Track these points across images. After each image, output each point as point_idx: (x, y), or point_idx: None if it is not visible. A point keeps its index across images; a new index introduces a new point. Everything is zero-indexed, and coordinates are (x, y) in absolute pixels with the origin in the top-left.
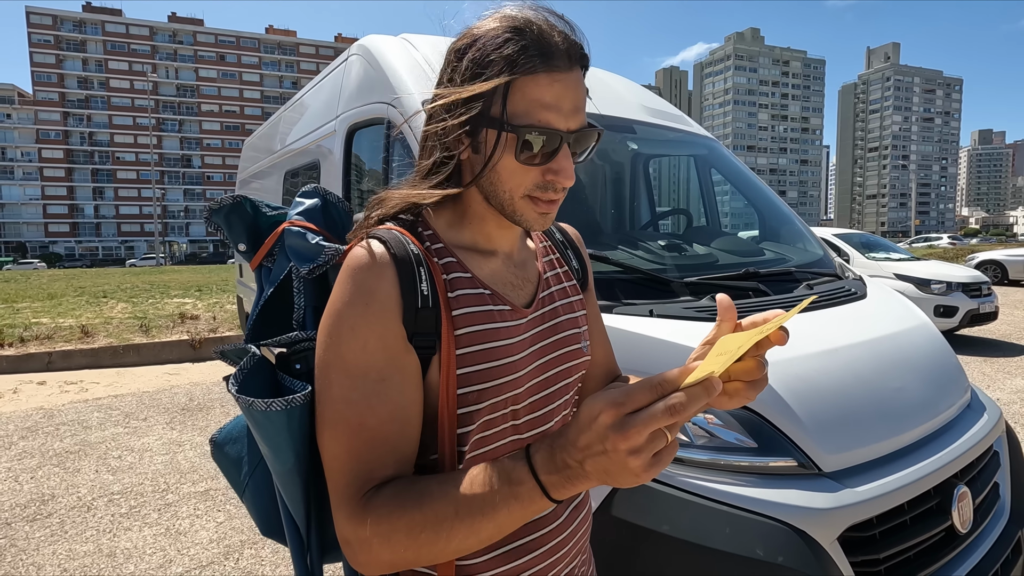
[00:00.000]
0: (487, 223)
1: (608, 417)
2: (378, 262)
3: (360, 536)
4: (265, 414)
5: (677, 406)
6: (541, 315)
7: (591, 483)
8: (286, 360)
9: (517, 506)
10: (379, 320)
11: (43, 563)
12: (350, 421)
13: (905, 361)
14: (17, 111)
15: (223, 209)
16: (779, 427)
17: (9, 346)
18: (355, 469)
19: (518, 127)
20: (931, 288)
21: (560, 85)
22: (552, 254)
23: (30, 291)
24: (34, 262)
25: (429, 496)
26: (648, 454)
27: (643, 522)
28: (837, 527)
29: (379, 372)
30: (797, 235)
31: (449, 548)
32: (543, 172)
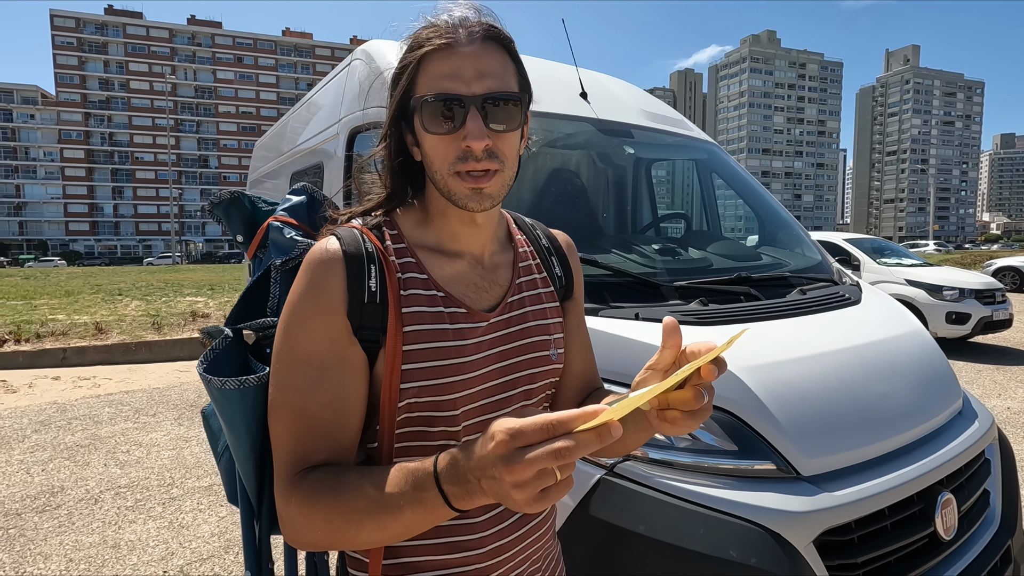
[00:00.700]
0: (449, 220)
1: (500, 447)
2: (329, 258)
3: (287, 512)
4: (221, 391)
5: (562, 451)
6: (507, 319)
7: (488, 499)
8: (259, 344)
9: (421, 510)
10: (325, 312)
11: (50, 553)
12: (292, 404)
13: (893, 367)
14: (40, 111)
15: (223, 203)
16: (758, 431)
17: (26, 341)
18: (292, 449)
19: (419, 97)
20: (943, 294)
21: (458, 57)
22: (532, 259)
23: (48, 288)
24: (55, 260)
25: (347, 487)
26: (533, 490)
27: (620, 522)
28: (812, 530)
29: (322, 361)
30: (796, 240)
31: (360, 539)
32: (458, 141)
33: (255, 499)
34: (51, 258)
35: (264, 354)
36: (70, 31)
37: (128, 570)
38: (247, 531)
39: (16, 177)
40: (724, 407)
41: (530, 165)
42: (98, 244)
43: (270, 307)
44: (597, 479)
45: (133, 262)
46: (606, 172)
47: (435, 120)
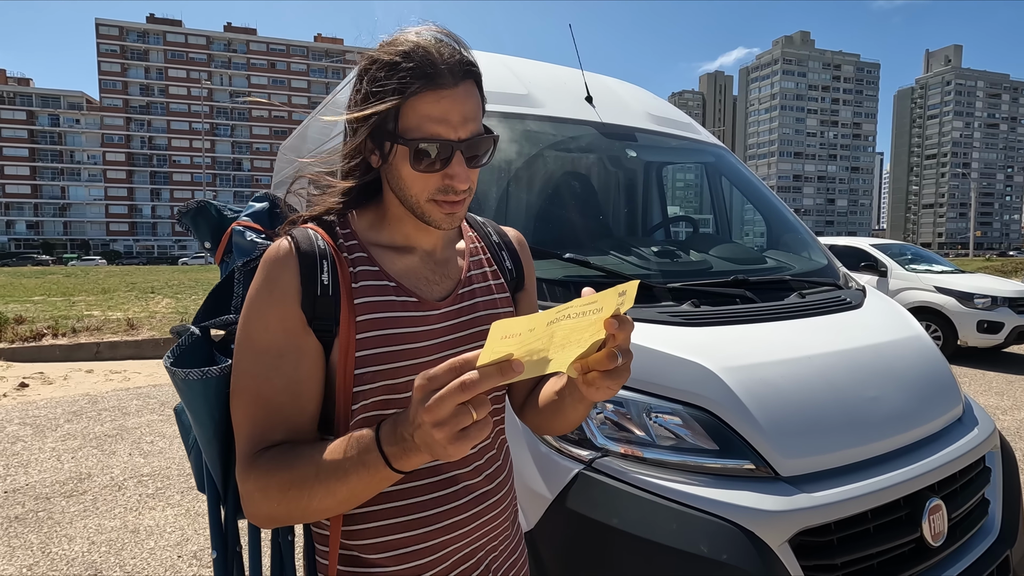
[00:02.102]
0: (405, 224)
1: (418, 392)
2: (283, 255)
3: (247, 489)
4: (185, 382)
5: (468, 383)
6: (458, 309)
7: (424, 456)
8: (225, 341)
9: (365, 473)
10: (280, 305)
11: (74, 535)
12: (250, 390)
13: (886, 371)
14: (85, 116)
15: (190, 212)
16: (737, 430)
17: (63, 336)
18: (250, 432)
19: (410, 140)
20: (974, 302)
21: (447, 101)
22: (483, 254)
23: (87, 285)
24: (96, 259)
25: (299, 459)
26: (452, 428)
27: (595, 515)
28: (787, 530)
29: (278, 350)
30: (802, 244)
31: (312, 506)
32: (441, 177)
33: (221, 485)
34: (93, 257)
35: (230, 350)
36: (114, 39)
37: (145, 554)
38: (213, 515)
39: (62, 179)
40: (704, 406)
41: (533, 168)
42: (136, 244)
43: (234, 305)
44: (575, 473)
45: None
46: (608, 175)
47: (421, 158)
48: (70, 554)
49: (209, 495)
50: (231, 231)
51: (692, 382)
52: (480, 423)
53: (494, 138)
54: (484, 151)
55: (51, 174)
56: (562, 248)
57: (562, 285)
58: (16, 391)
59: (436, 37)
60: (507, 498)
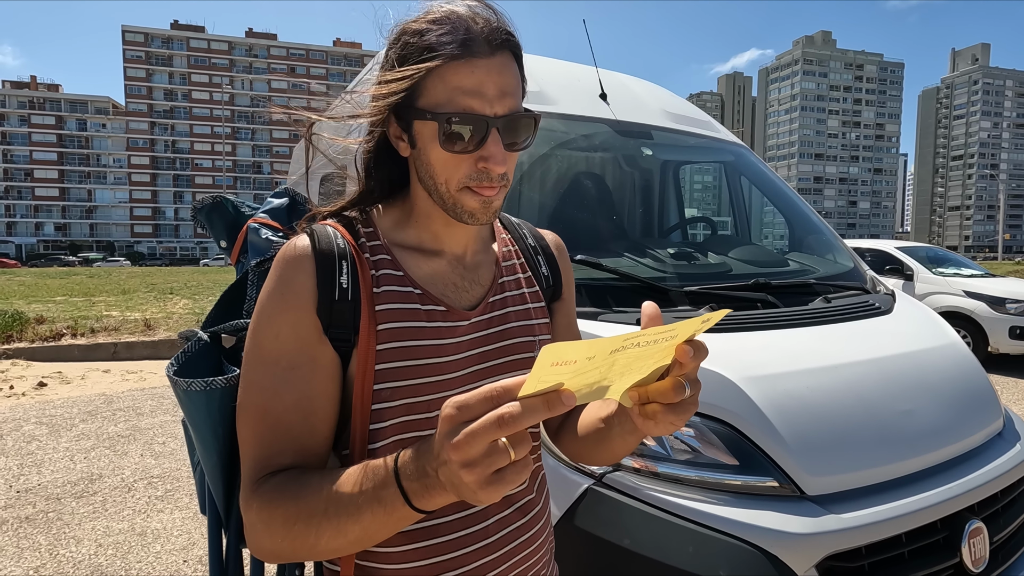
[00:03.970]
0: (433, 221)
1: (445, 424)
2: (299, 255)
3: (249, 520)
4: (186, 392)
5: (507, 417)
6: (488, 319)
7: (449, 496)
8: (236, 349)
9: (380, 511)
10: (293, 310)
11: (82, 537)
12: (257, 405)
13: (920, 382)
14: (111, 121)
15: (205, 208)
16: (759, 445)
17: (81, 336)
18: (257, 454)
19: (440, 115)
20: (1006, 307)
21: (482, 71)
22: (516, 259)
23: (108, 286)
24: (120, 259)
25: (306, 489)
26: (485, 470)
27: (605, 535)
28: (814, 554)
29: (289, 361)
30: (827, 246)
31: (320, 545)
32: (475, 160)
33: (223, 508)
34: (117, 258)
35: (240, 358)
36: (139, 45)
37: (151, 557)
38: (213, 542)
39: (88, 182)
40: (723, 418)
41: (545, 167)
42: (159, 246)
43: (246, 309)
44: (584, 489)
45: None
46: (623, 175)
47: (453, 138)
48: (77, 556)
49: (210, 519)
50: (247, 228)
51: (711, 392)
52: (518, 465)
53: (535, 117)
54: (524, 133)
55: (78, 177)
56: (575, 250)
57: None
58: (34, 390)
59: (471, 6)
60: (543, 532)
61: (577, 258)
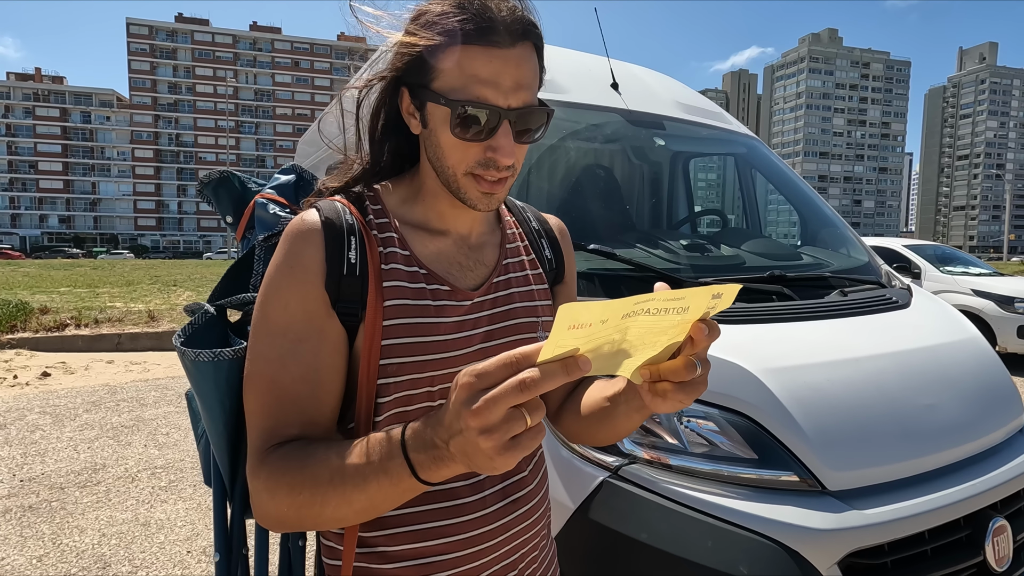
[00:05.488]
0: (440, 200)
1: (463, 392)
2: (308, 229)
3: (255, 488)
4: (195, 363)
5: (528, 382)
6: (492, 299)
7: (458, 466)
8: (242, 323)
9: (387, 481)
10: (301, 283)
11: (86, 527)
12: (264, 376)
13: (942, 377)
14: (115, 114)
15: (212, 183)
16: (780, 438)
17: (85, 327)
18: (263, 424)
19: (453, 101)
20: (1015, 306)
21: (499, 61)
22: (520, 241)
23: (112, 278)
24: (124, 252)
25: (312, 458)
26: (503, 436)
27: (621, 528)
28: (837, 551)
29: (297, 333)
30: (840, 239)
31: (325, 514)
32: (484, 149)
33: (228, 479)
34: (120, 251)
35: (247, 332)
36: (144, 38)
37: (155, 548)
38: (218, 512)
39: (93, 175)
40: (742, 411)
41: (555, 156)
42: (163, 239)
43: (252, 284)
44: (599, 481)
45: (194, 256)
46: (635, 165)
47: (464, 125)
48: (80, 546)
49: (215, 490)
50: (254, 203)
51: (729, 384)
52: (533, 431)
53: (548, 112)
54: (536, 126)
55: (82, 170)
56: (587, 239)
57: (586, 278)
58: (39, 380)
59: None
60: (543, 504)
61: (591, 247)
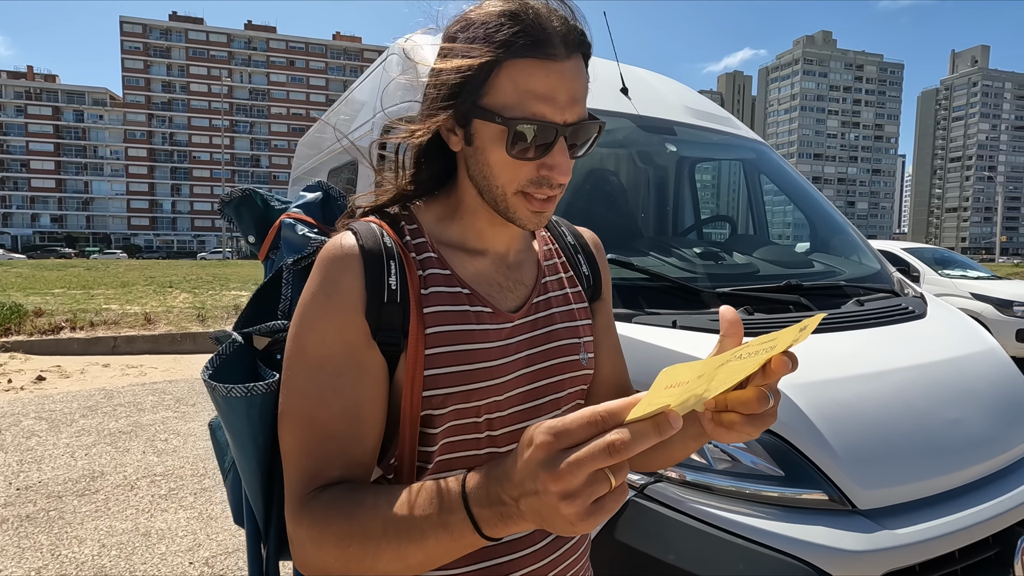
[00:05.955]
0: (479, 219)
1: (540, 452)
2: (345, 254)
3: (297, 536)
4: (226, 399)
5: (617, 444)
6: (533, 321)
7: (527, 525)
8: (270, 350)
9: (447, 537)
10: (340, 312)
11: (85, 537)
12: (302, 413)
13: (966, 390)
14: (108, 112)
15: (233, 201)
16: (808, 456)
17: (81, 329)
18: (304, 465)
19: (509, 119)
20: (1013, 310)
21: (556, 75)
22: (557, 258)
23: (106, 279)
24: (117, 252)
25: (362, 508)
26: (586, 500)
27: (647, 549)
28: (871, 572)
29: (336, 366)
30: (852, 247)
31: (377, 567)
32: (537, 167)
33: (262, 520)
34: (114, 251)
35: (275, 361)
36: (137, 36)
37: (156, 559)
38: (253, 555)
39: (85, 174)
40: (770, 428)
41: None
42: (156, 238)
43: (281, 310)
44: (625, 501)
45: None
46: (647, 171)
47: (519, 143)
48: (80, 557)
49: (248, 531)
50: (280, 224)
51: None
52: (618, 491)
53: (600, 125)
54: (586, 140)
55: (75, 169)
56: None
57: None
58: (33, 384)
59: (547, 1)
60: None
61: (608, 257)
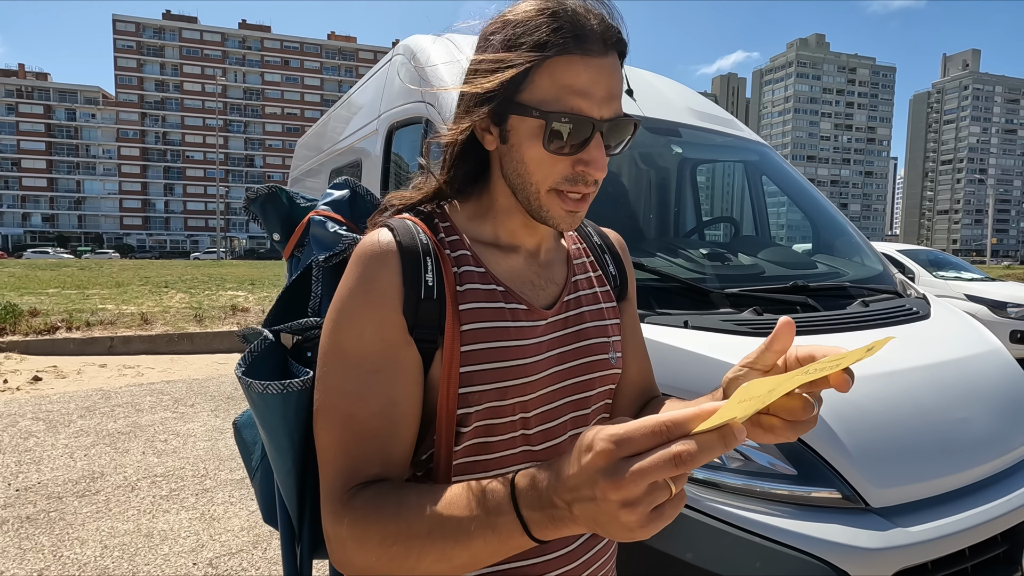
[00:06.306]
0: (512, 218)
1: (600, 459)
2: (383, 250)
3: (338, 534)
4: (262, 396)
5: (684, 456)
6: (564, 319)
7: (579, 528)
8: (300, 348)
9: (494, 539)
10: (378, 309)
11: (87, 538)
12: (340, 411)
13: (972, 390)
14: (101, 111)
15: (259, 198)
16: (822, 454)
17: (76, 329)
18: (342, 463)
19: (547, 113)
20: (1007, 311)
21: (594, 70)
22: (586, 257)
23: (100, 279)
24: (109, 252)
25: (406, 508)
26: (646, 508)
27: (666, 548)
28: (885, 570)
29: (374, 363)
30: (854, 248)
31: (420, 567)
32: (573, 163)
33: (296, 518)
34: (106, 250)
35: (305, 358)
36: (130, 35)
37: (159, 560)
38: (287, 554)
39: (77, 173)
40: None
41: None
42: (149, 238)
43: (311, 307)
44: None
45: (181, 256)
46: (652, 172)
47: (555, 138)
48: (82, 558)
49: (283, 531)
50: (308, 221)
51: None
52: (677, 498)
53: (635, 122)
54: (622, 138)
55: (67, 168)
56: None
57: None
58: (29, 384)
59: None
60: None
61: None
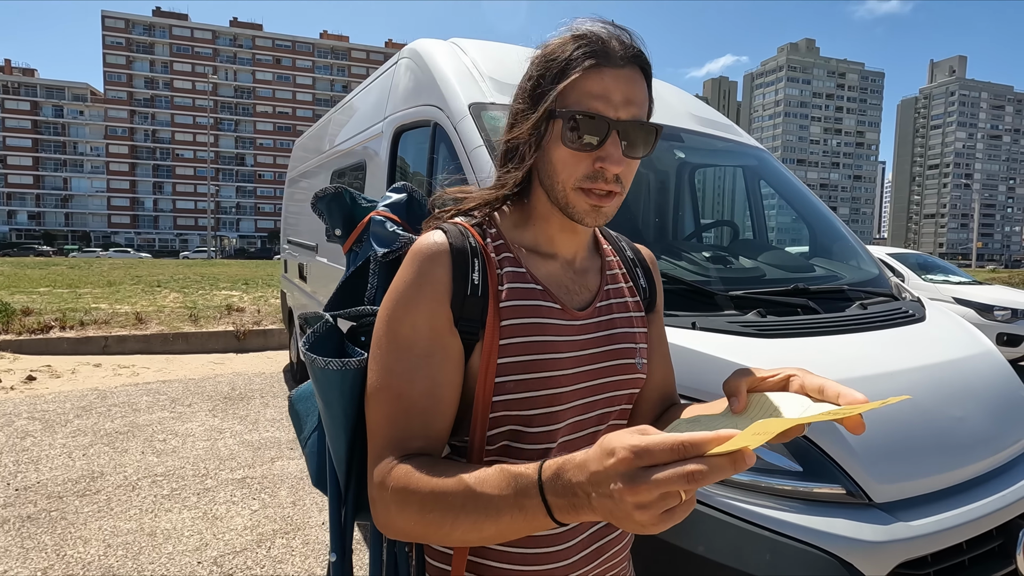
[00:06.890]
0: (550, 224)
1: (621, 465)
2: (437, 250)
3: (383, 497)
4: (324, 371)
5: (696, 475)
6: (596, 323)
7: (597, 517)
8: (355, 332)
9: (520, 517)
10: (429, 301)
11: (90, 537)
12: (392, 389)
13: (967, 390)
14: (89, 108)
15: (327, 197)
16: (827, 451)
17: (70, 328)
18: (390, 434)
19: (565, 112)
20: (994, 314)
21: (610, 78)
22: (619, 269)
23: (92, 278)
24: (97, 251)
25: (445, 480)
26: (657, 511)
27: (678, 541)
28: (888, 563)
29: (423, 348)
30: (850, 252)
31: (454, 535)
32: (592, 160)
33: (344, 483)
34: (93, 249)
35: (359, 341)
36: (120, 32)
37: (164, 559)
38: (334, 515)
39: (64, 171)
40: None
41: None
42: (138, 237)
43: (368, 297)
44: None
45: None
46: (656, 177)
47: (574, 135)
48: (86, 557)
49: (331, 494)
50: (369, 220)
51: None
52: (686, 503)
53: (656, 129)
54: (644, 142)
55: (54, 165)
56: None
57: None
58: (24, 384)
59: (609, 29)
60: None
61: None
